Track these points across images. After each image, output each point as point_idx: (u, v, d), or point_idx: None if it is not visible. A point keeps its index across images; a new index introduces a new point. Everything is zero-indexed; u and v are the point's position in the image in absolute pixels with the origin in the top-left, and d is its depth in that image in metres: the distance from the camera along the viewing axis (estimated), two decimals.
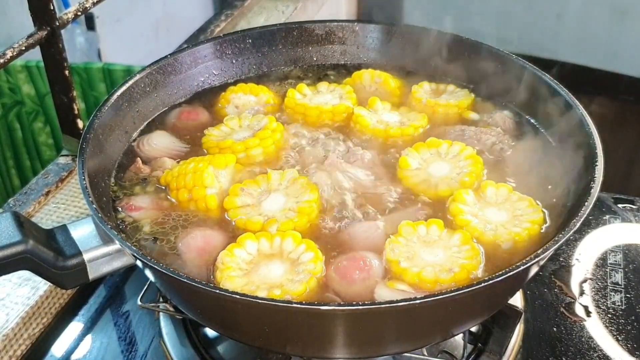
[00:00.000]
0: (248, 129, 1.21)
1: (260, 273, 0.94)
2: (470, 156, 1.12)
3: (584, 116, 1.09)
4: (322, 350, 0.96)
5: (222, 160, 1.09)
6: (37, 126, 2.17)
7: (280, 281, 0.93)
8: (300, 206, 1.04)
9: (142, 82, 1.23)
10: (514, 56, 1.24)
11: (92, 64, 2.05)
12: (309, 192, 1.06)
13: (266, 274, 0.94)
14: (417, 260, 0.96)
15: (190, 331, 1.19)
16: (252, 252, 0.97)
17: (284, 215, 1.03)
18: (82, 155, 1.01)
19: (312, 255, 0.95)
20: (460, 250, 0.97)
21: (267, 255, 0.97)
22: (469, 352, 1.13)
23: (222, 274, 0.93)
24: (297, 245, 0.97)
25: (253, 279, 0.93)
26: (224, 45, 1.35)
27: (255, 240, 0.98)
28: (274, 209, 1.04)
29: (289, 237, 0.97)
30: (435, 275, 0.93)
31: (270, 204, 1.05)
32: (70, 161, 1.54)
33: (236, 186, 1.07)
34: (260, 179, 1.08)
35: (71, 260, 0.92)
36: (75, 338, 1.22)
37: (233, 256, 0.95)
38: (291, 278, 0.93)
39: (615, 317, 1.22)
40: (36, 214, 1.40)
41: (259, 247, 0.97)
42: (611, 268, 1.33)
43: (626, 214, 1.46)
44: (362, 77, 1.35)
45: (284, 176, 1.08)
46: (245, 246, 0.97)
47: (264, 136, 1.16)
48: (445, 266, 0.94)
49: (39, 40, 1.36)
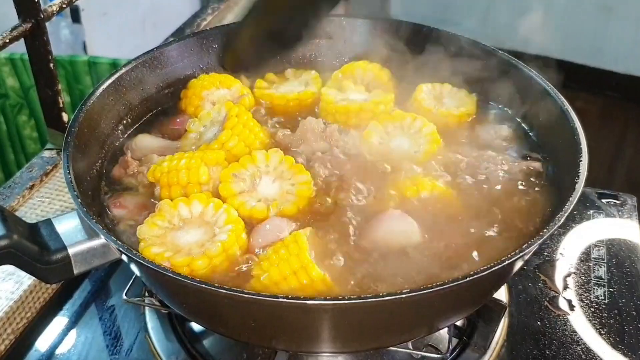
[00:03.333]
0: (215, 123, 1.18)
1: (178, 234, 0.97)
2: (430, 133, 1.16)
3: (568, 112, 1.09)
4: (308, 344, 0.96)
5: (213, 156, 1.07)
6: (22, 119, 2.15)
7: (189, 246, 0.95)
8: (298, 189, 1.04)
9: (128, 76, 1.22)
10: (500, 51, 1.25)
11: (77, 57, 2.04)
12: (301, 174, 1.06)
13: (183, 237, 0.96)
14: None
15: (176, 325, 1.18)
16: (194, 212, 0.99)
17: (284, 199, 1.04)
18: (67, 149, 1.01)
19: (231, 227, 0.96)
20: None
21: (187, 220, 0.99)
22: (453, 346, 1.14)
23: (151, 217, 0.97)
24: (216, 211, 0.98)
25: (166, 236, 0.96)
26: (210, 39, 1.34)
27: (204, 203, 1.00)
28: (271, 193, 1.04)
29: (210, 203, 0.99)
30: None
31: (265, 187, 1.05)
32: (55, 155, 1.53)
33: (226, 171, 1.05)
34: (246, 160, 1.06)
35: (56, 255, 0.91)
36: (60, 333, 1.22)
37: (174, 208, 0.98)
38: (201, 245, 0.95)
39: (598, 311, 1.24)
40: (20, 208, 1.39)
41: (204, 210, 0.99)
42: (595, 262, 1.34)
43: (610, 209, 1.47)
44: (353, 70, 1.34)
45: (269, 157, 1.07)
46: (191, 205, 0.99)
47: (232, 124, 1.13)
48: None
49: (24, 33, 1.35)
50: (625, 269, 1.32)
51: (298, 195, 1.04)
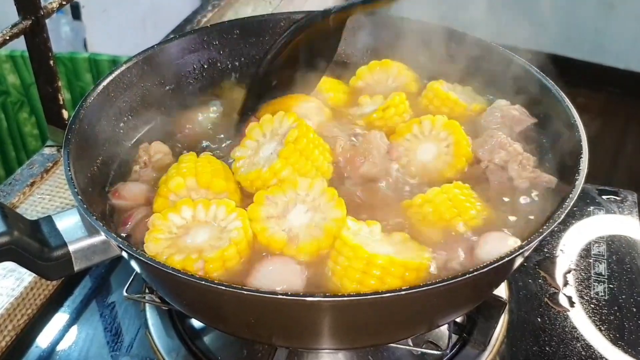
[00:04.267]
0: (274, 136, 1.06)
1: (186, 238, 0.94)
2: (447, 125, 1.12)
3: (569, 108, 1.09)
4: (307, 341, 0.97)
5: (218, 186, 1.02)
6: (22, 116, 2.15)
7: (202, 246, 0.93)
8: (327, 224, 0.96)
9: (129, 73, 1.22)
10: (501, 47, 1.25)
11: (77, 54, 2.03)
12: (337, 209, 0.97)
13: (191, 239, 0.94)
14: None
15: (176, 322, 1.19)
16: (186, 217, 0.96)
17: (309, 233, 0.96)
18: (67, 146, 1.01)
19: (240, 224, 0.94)
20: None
21: (200, 222, 0.96)
22: (453, 343, 1.14)
23: (149, 235, 0.94)
24: (228, 214, 0.96)
25: (177, 242, 0.93)
26: (211, 35, 1.34)
27: (192, 206, 0.97)
28: (298, 224, 0.97)
29: (222, 205, 0.97)
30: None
31: (295, 217, 0.97)
32: (55, 152, 1.53)
33: (261, 194, 0.98)
34: (287, 186, 0.98)
35: (56, 252, 0.91)
36: (61, 329, 1.22)
37: (166, 220, 0.95)
38: (212, 244, 0.93)
39: (598, 308, 1.24)
40: (21, 204, 1.39)
41: (195, 213, 0.97)
42: (595, 259, 1.34)
43: (610, 206, 1.47)
44: (389, 67, 1.32)
45: (312, 186, 0.98)
46: (180, 211, 0.96)
47: (288, 154, 1.01)
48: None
49: (24, 30, 1.35)
50: (625, 265, 1.32)
51: (325, 231, 0.96)
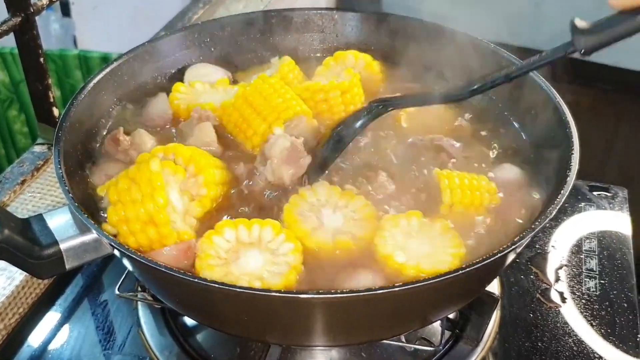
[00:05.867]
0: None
1: (239, 263, 0.93)
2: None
3: (560, 104, 1.10)
4: (301, 338, 0.97)
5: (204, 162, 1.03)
6: (12, 114, 2.13)
7: (260, 272, 0.92)
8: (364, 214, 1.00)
9: (119, 70, 1.21)
10: (492, 45, 1.25)
11: (67, 51, 2.02)
12: (356, 199, 1.02)
13: (245, 264, 0.93)
14: (410, 252, 0.95)
15: (169, 320, 1.18)
16: (230, 239, 0.96)
17: (348, 228, 0.99)
18: (58, 144, 1.00)
19: (292, 246, 0.94)
20: (444, 240, 0.97)
21: (245, 244, 0.96)
22: (446, 339, 1.14)
23: (201, 262, 0.92)
24: (276, 235, 0.96)
25: (232, 269, 0.92)
26: (202, 32, 1.34)
27: (234, 227, 0.97)
28: (337, 225, 1.00)
29: (268, 226, 0.96)
30: (433, 266, 0.92)
31: (330, 220, 1.00)
32: (45, 150, 1.52)
33: (291, 207, 1.00)
34: (298, 199, 1.02)
35: (47, 250, 0.91)
36: (52, 328, 1.22)
37: (212, 244, 0.94)
38: (270, 270, 0.92)
39: (589, 303, 1.24)
40: (11, 203, 1.38)
41: (237, 235, 0.96)
42: (586, 255, 1.34)
43: (601, 202, 1.48)
44: (345, 57, 1.32)
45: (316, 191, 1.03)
46: (223, 234, 0.96)
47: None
48: (438, 257, 0.94)
49: (13, 27, 1.34)
50: (616, 261, 1.33)
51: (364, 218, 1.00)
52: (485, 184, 1.05)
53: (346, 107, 1.21)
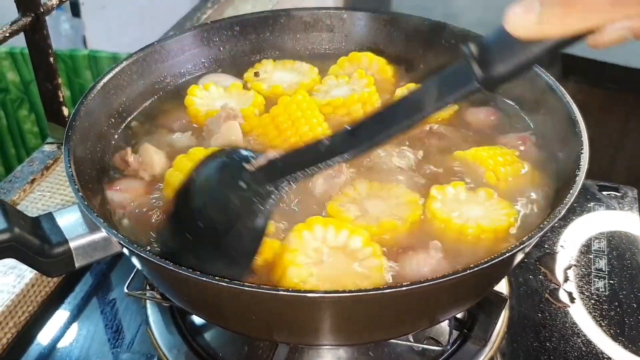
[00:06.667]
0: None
1: (324, 268, 0.90)
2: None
3: (569, 104, 1.09)
4: (308, 337, 0.97)
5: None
6: (22, 114, 2.15)
7: (345, 283, 0.88)
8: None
9: (129, 70, 1.22)
10: None
11: (77, 51, 2.03)
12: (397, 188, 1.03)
13: (330, 271, 0.90)
14: (466, 215, 0.99)
15: (177, 319, 1.19)
16: (318, 238, 0.93)
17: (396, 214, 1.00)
18: (68, 143, 1.01)
19: (378, 262, 0.91)
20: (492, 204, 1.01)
21: (332, 247, 0.93)
22: (454, 338, 1.14)
23: (292, 256, 0.89)
24: (364, 247, 0.92)
25: (318, 274, 0.89)
26: (211, 32, 1.34)
27: (324, 226, 0.93)
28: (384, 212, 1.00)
29: (358, 236, 0.93)
30: (492, 223, 0.97)
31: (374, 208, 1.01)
32: (55, 149, 1.53)
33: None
34: (336, 205, 1.00)
35: (57, 248, 0.91)
36: (62, 326, 1.22)
37: (302, 239, 0.92)
38: (356, 282, 0.89)
39: (598, 303, 1.24)
40: (21, 202, 1.39)
41: (325, 235, 0.93)
42: (595, 255, 1.34)
43: (610, 201, 1.47)
44: (359, 59, 1.32)
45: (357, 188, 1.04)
46: (314, 230, 0.93)
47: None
48: (493, 217, 0.98)
49: (23, 27, 1.35)
50: (625, 261, 1.33)
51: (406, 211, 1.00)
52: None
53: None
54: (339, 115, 1.21)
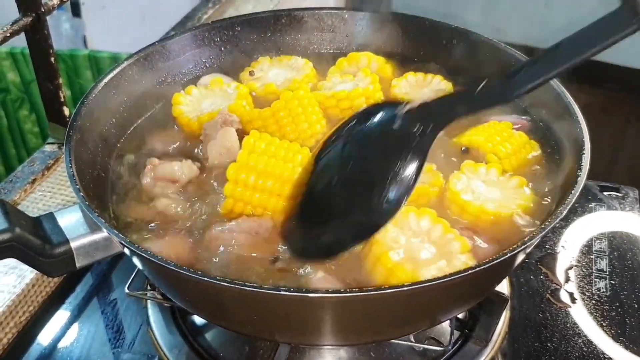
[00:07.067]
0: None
1: (410, 249, 0.92)
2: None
3: (571, 104, 1.09)
4: (310, 337, 0.97)
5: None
6: (23, 114, 2.15)
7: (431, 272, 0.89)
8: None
9: (130, 70, 1.21)
10: (503, 44, 1.25)
11: (78, 51, 2.03)
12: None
13: (416, 252, 0.92)
14: (478, 194, 1.02)
15: (178, 319, 1.19)
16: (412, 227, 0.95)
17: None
18: (69, 143, 1.01)
19: (460, 244, 0.93)
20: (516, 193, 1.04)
21: (414, 232, 0.94)
22: (455, 339, 1.14)
23: (379, 248, 0.91)
24: (445, 233, 0.94)
25: (407, 256, 0.91)
26: (212, 32, 1.34)
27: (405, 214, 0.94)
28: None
29: (438, 224, 0.95)
30: (496, 209, 1.00)
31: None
32: (56, 149, 1.53)
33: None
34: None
35: (58, 248, 0.91)
36: (62, 326, 1.22)
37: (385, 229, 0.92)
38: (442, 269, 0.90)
39: (599, 304, 1.24)
40: (22, 202, 1.39)
41: (409, 222, 0.95)
42: (596, 255, 1.34)
43: (611, 202, 1.47)
44: (358, 59, 1.33)
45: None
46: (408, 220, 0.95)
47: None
48: (503, 203, 1.01)
49: (24, 27, 1.35)
50: (626, 261, 1.33)
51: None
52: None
53: None
54: (341, 109, 1.21)
